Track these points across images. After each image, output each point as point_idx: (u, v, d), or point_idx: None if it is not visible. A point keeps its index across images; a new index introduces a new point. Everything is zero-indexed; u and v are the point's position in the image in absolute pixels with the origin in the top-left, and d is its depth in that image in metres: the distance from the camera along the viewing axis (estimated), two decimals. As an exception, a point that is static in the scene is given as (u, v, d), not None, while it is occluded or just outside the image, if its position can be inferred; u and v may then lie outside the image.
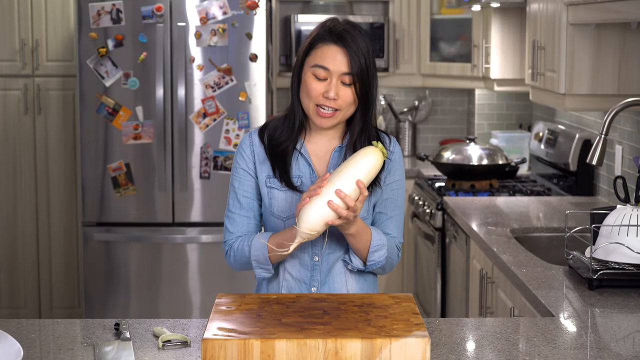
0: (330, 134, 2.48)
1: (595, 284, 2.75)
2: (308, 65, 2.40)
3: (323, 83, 2.38)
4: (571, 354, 2.20)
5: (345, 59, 2.37)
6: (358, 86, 2.37)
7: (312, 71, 2.38)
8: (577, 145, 4.48)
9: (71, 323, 2.43)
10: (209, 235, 5.04)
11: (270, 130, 2.48)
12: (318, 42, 2.40)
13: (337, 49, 2.38)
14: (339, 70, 2.37)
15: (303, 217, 2.24)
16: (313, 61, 2.39)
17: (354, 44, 2.37)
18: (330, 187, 2.24)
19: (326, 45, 2.39)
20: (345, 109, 2.40)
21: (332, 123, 2.41)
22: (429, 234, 4.70)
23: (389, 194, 2.49)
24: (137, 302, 5.07)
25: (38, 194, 5.59)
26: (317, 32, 2.42)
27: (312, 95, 2.38)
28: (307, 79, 2.39)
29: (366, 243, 2.40)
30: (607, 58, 3.66)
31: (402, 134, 6.01)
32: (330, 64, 2.37)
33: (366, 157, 2.28)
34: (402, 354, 1.94)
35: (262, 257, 2.42)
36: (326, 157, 2.48)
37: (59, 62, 5.54)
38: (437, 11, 5.74)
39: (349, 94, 2.38)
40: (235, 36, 4.96)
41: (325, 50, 2.38)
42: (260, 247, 2.41)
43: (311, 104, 2.39)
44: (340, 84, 2.38)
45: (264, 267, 2.43)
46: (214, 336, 1.96)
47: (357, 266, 2.46)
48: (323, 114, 2.38)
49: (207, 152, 5.01)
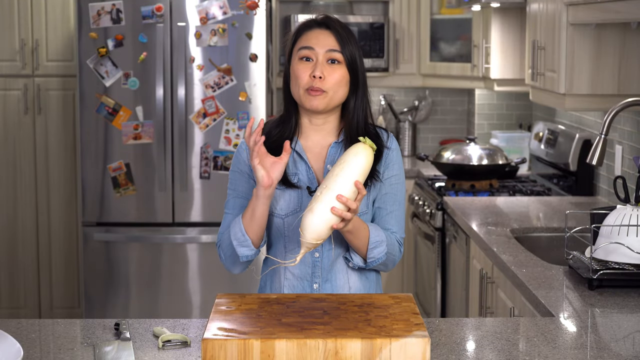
0: (325, 130, 2.48)
1: (595, 284, 2.75)
2: (295, 54, 2.44)
3: (309, 64, 2.40)
4: (571, 354, 2.20)
5: (330, 37, 2.41)
6: (345, 64, 2.41)
7: (299, 55, 2.42)
8: (577, 145, 4.48)
9: (71, 323, 2.43)
10: (209, 235, 5.03)
11: (266, 132, 2.49)
12: (303, 30, 2.46)
13: (321, 30, 2.43)
14: (324, 47, 2.40)
15: (307, 228, 2.22)
16: (298, 47, 2.43)
17: (337, 26, 2.43)
18: (329, 194, 2.22)
19: (310, 30, 2.44)
20: (332, 89, 2.40)
21: (322, 104, 2.41)
22: (429, 234, 4.70)
23: (387, 189, 2.49)
24: (137, 302, 5.07)
25: (38, 194, 5.59)
26: (302, 24, 2.48)
27: (300, 77, 2.40)
28: (294, 65, 2.43)
29: (364, 240, 2.40)
30: (607, 58, 3.66)
31: (402, 134, 6.02)
32: (314, 43, 2.41)
33: (357, 156, 2.26)
34: (402, 354, 1.94)
35: (240, 233, 2.39)
36: (322, 153, 2.48)
37: (59, 62, 5.54)
38: (437, 11, 5.74)
39: (337, 74, 2.40)
40: (235, 36, 4.96)
41: (310, 34, 2.44)
42: (236, 224, 2.40)
43: (301, 90, 2.41)
44: (327, 64, 2.40)
45: (244, 243, 2.40)
46: (214, 336, 1.96)
47: (357, 263, 2.45)
48: (312, 92, 2.39)
49: (207, 152, 5.01)
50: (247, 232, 2.39)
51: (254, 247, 2.41)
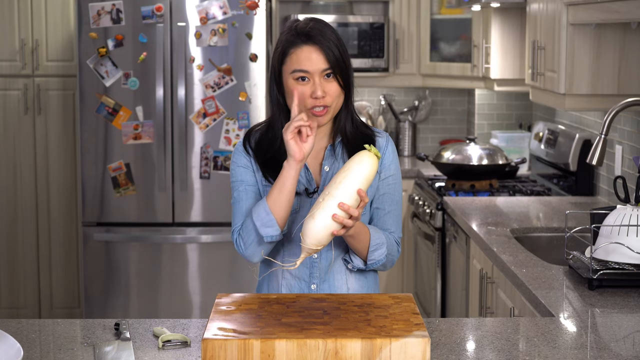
0: (322, 132, 2.49)
1: (595, 284, 2.75)
2: (287, 73, 2.41)
3: (307, 85, 2.39)
4: (571, 354, 2.20)
5: (321, 55, 2.39)
6: (340, 77, 2.40)
7: (293, 76, 2.40)
8: (577, 145, 4.48)
9: (71, 323, 2.43)
10: (209, 235, 5.04)
11: (256, 142, 2.49)
12: (289, 48, 2.41)
13: (310, 49, 2.39)
14: (319, 69, 2.39)
15: (308, 234, 2.23)
16: (290, 68, 2.40)
17: (323, 38, 2.40)
18: (331, 201, 2.23)
19: (299, 49, 2.40)
20: (334, 102, 2.42)
21: (327, 119, 2.43)
22: (429, 234, 4.70)
23: (385, 189, 2.50)
24: (137, 302, 5.07)
25: (38, 194, 5.59)
26: (285, 37, 2.43)
27: (301, 99, 2.39)
28: (291, 85, 2.40)
29: (365, 243, 2.41)
30: (607, 58, 3.66)
31: (402, 134, 6.01)
32: (308, 65, 2.39)
33: (362, 164, 2.27)
34: (402, 354, 1.94)
35: (264, 213, 2.37)
36: (319, 155, 2.49)
37: (59, 62, 5.54)
38: (437, 11, 5.74)
39: (334, 87, 2.40)
40: (235, 36, 4.96)
41: (299, 53, 2.40)
42: (259, 206, 2.39)
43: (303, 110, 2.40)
44: (324, 80, 2.39)
45: (268, 223, 2.37)
46: (214, 336, 1.96)
47: (357, 265, 2.46)
48: (317, 112, 2.39)
49: (207, 152, 5.01)
50: (272, 210, 2.37)
51: (279, 228, 2.39)
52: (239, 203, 2.49)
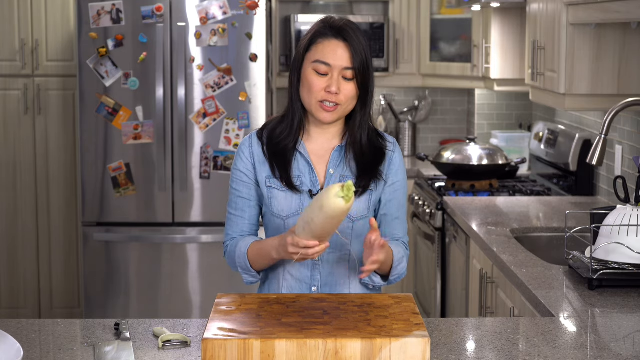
0: (330, 133, 2.48)
1: (595, 284, 2.75)
2: (308, 61, 2.40)
3: (324, 78, 2.38)
4: (571, 354, 2.20)
5: (347, 53, 2.37)
6: (359, 81, 2.38)
7: (313, 67, 2.38)
8: (577, 145, 4.48)
9: (71, 323, 2.43)
10: (209, 235, 5.04)
11: (269, 130, 2.48)
12: (318, 38, 2.40)
13: (338, 43, 2.38)
14: (341, 65, 2.37)
15: None
16: (314, 57, 2.39)
17: (354, 39, 2.38)
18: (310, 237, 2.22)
19: (327, 40, 2.39)
20: (346, 103, 2.40)
21: (334, 118, 2.41)
22: (429, 234, 4.70)
23: (392, 195, 2.50)
24: (137, 302, 5.07)
25: (38, 194, 5.59)
26: (317, 28, 2.42)
27: (314, 90, 2.38)
28: (308, 75, 2.39)
29: (389, 261, 2.41)
30: (607, 58, 3.66)
31: (402, 134, 6.02)
32: (332, 58, 2.37)
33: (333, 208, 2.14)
34: (402, 354, 1.94)
35: (244, 264, 2.45)
36: (326, 156, 2.48)
37: (59, 62, 5.54)
38: (437, 11, 5.74)
39: (350, 89, 2.39)
40: (235, 36, 4.96)
41: (326, 45, 2.38)
42: (242, 255, 2.44)
43: (313, 100, 2.39)
44: (342, 79, 2.38)
45: (248, 272, 2.47)
46: (214, 336, 1.96)
47: (379, 284, 2.46)
48: (326, 107, 2.38)
49: (207, 152, 5.01)
50: (252, 265, 2.45)
51: (258, 276, 2.49)
52: (229, 214, 2.53)
